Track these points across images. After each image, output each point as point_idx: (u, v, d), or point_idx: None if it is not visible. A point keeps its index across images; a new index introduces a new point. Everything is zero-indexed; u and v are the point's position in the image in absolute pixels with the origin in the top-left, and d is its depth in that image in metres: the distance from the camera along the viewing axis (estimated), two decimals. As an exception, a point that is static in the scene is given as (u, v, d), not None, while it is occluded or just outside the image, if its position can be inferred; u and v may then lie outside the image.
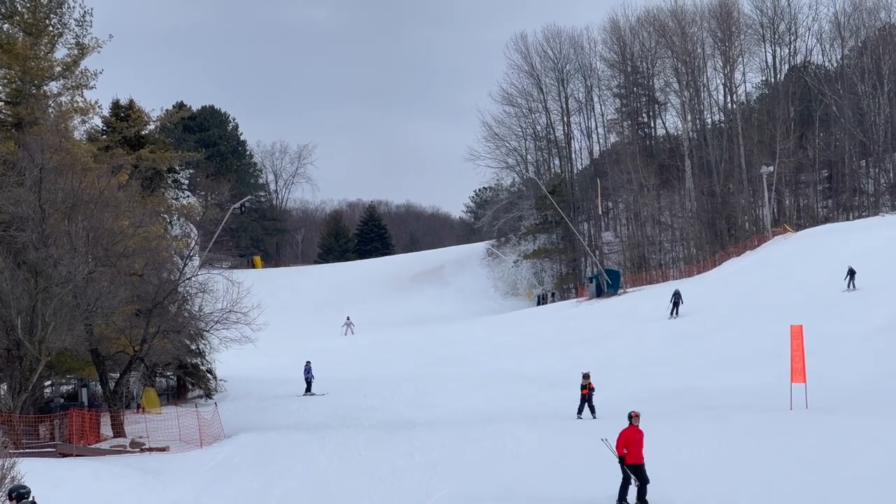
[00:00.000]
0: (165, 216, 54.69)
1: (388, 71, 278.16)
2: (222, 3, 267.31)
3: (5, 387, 36.42)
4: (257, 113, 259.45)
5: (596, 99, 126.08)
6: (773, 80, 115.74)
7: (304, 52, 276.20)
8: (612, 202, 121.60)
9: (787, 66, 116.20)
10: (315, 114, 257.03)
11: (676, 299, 62.41)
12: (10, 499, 16.34)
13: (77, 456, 32.91)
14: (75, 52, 46.74)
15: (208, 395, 51.40)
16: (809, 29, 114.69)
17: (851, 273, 57.29)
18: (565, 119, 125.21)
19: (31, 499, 16.45)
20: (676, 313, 61.92)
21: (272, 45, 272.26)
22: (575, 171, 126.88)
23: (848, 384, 36.99)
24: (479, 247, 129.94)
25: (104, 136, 53.59)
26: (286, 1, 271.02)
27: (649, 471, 22.07)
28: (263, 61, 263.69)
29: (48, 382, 45.76)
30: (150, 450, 35.43)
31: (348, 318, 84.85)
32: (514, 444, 29.94)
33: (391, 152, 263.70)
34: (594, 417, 34.87)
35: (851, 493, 21.67)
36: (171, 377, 53.84)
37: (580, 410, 35.57)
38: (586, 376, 36.19)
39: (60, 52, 47.16)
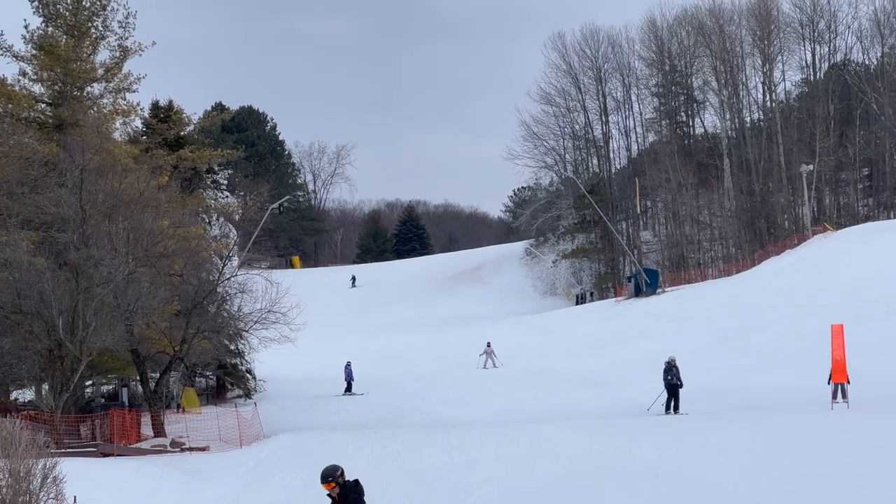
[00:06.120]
0: (204, 216, 55.04)
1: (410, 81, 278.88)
2: (239, 15, 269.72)
3: (47, 387, 36.79)
4: (288, 117, 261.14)
5: (634, 98, 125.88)
6: (812, 78, 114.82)
7: (321, 63, 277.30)
8: (650, 201, 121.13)
9: (826, 65, 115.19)
10: (341, 120, 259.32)
11: None
12: None
13: (118, 455, 33.16)
14: (117, 54, 47.18)
15: (247, 395, 51.72)
16: (849, 27, 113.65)
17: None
18: (603, 118, 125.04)
19: None
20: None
21: (285, 54, 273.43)
22: (613, 171, 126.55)
23: (890, 384, 36.61)
24: (518, 246, 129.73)
25: (144, 138, 53.98)
26: (300, 13, 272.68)
27: (687, 472, 21.87)
28: (281, 71, 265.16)
29: (89, 382, 46.25)
30: (191, 449, 35.61)
31: (489, 345, 61.74)
32: (552, 445, 29.80)
33: (424, 155, 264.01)
34: None
35: (894, 494, 21.45)
36: (211, 377, 54.29)
37: None
38: None
39: (103, 55, 47.67)
